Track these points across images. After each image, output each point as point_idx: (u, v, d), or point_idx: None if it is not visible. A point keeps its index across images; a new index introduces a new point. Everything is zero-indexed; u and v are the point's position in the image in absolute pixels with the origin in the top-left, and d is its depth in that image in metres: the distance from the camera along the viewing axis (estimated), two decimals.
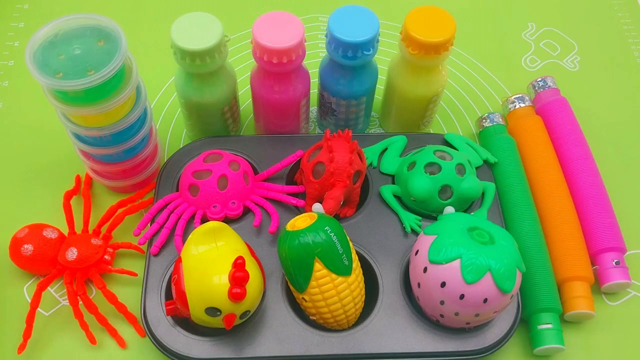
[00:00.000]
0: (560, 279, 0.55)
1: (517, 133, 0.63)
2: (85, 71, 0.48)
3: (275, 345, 0.50)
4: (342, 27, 0.53)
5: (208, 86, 0.57)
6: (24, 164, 0.63)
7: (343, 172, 0.53)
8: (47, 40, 0.49)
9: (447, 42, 0.54)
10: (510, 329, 0.51)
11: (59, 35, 0.50)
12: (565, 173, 0.60)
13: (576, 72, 0.72)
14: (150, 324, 0.50)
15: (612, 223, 0.57)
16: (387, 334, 0.50)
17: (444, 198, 0.55)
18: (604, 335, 0.55)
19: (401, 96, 0.60)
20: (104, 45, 0.49)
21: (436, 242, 0.48)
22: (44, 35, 0.49)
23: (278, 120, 0.61)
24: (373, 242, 0.55)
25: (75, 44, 0.49)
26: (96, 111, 0.49)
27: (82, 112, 0.50)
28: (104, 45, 0.49)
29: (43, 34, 0.49)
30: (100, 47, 0.49)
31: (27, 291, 0.56)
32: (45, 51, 0.49)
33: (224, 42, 0.54)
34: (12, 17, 0.75)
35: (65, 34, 0.50)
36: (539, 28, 0.76)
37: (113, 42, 0.49)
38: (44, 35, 0.49)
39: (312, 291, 0.48)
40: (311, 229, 0.47)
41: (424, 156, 0.56)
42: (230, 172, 0.56)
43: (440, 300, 0.47)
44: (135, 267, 0.56)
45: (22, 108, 0.67)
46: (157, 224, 0.55)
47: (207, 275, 0.46)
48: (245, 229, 0.55)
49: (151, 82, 0.69)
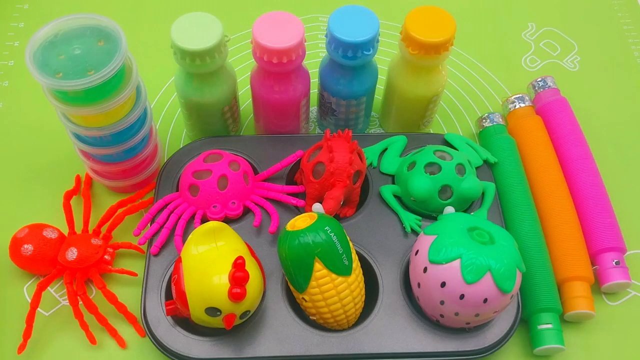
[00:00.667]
0: (560, 279, 0.55)
1: (517, 133, 0.63)
2: (85, 71, 0.48)
3: (275, 345, 0.50)
4: (342, 27, 0.53)
5: (208, 86, 0.57)
6: (24, 164, 0.63)
7: (343, 172, 0.53)
8: (47, 40, 0.49)
9: (447, 42, 0.54)
10: (510, 329, 0.51)
11: (59, 35, 0.50)
12: (565, 173, 0.60)
13: (576, 72, 0.72)
14: (150, 324, 0.50)
15: (612, 223, 0.57)
16: (387, 334, 0.50)
17: (444, 198, 0.55)
18: (604, 335, 0.55)
19: (401, 96, 0.60)
20: (104, 45, 0.49)
21: (436, 242, 0.48)
22: (44, 35, 0.49)
23: (278, 120, 0.61)
24: (373, 242, 0.55)
25: (75, 44, 0.49)
26: (96, 111, 0.49)
27: (82, 112, 0.50)
28: (104, 45, 0.49)
29: (43, 34, 0.49)
30: (100, 47, 0.49)
31: (27, 291, 0.56)
32: (45, 51, 0.49)
33: (224, 42, 0.54)
34: (12, 17, 0.75)
35: (65, 34, 0.50)
36: (539, 28, 0.76)
37: (113, 42, 0.49)
38: (44, 35, 0.49)
39: (312, 291, 0.48)
40: (311, 229, 0.47)
41: (424, 156, 0.56)
42: (230, 172, 0.56)
43: (440, 300, 0.47)
44: (135, 267, 0.56)
45: (22, 108, 0.67)
46: (157, 224, 0.55)
47: (207, 275, 0.46)
48: (245, 229, 0.55)
49: (151, 82, 0.69)
